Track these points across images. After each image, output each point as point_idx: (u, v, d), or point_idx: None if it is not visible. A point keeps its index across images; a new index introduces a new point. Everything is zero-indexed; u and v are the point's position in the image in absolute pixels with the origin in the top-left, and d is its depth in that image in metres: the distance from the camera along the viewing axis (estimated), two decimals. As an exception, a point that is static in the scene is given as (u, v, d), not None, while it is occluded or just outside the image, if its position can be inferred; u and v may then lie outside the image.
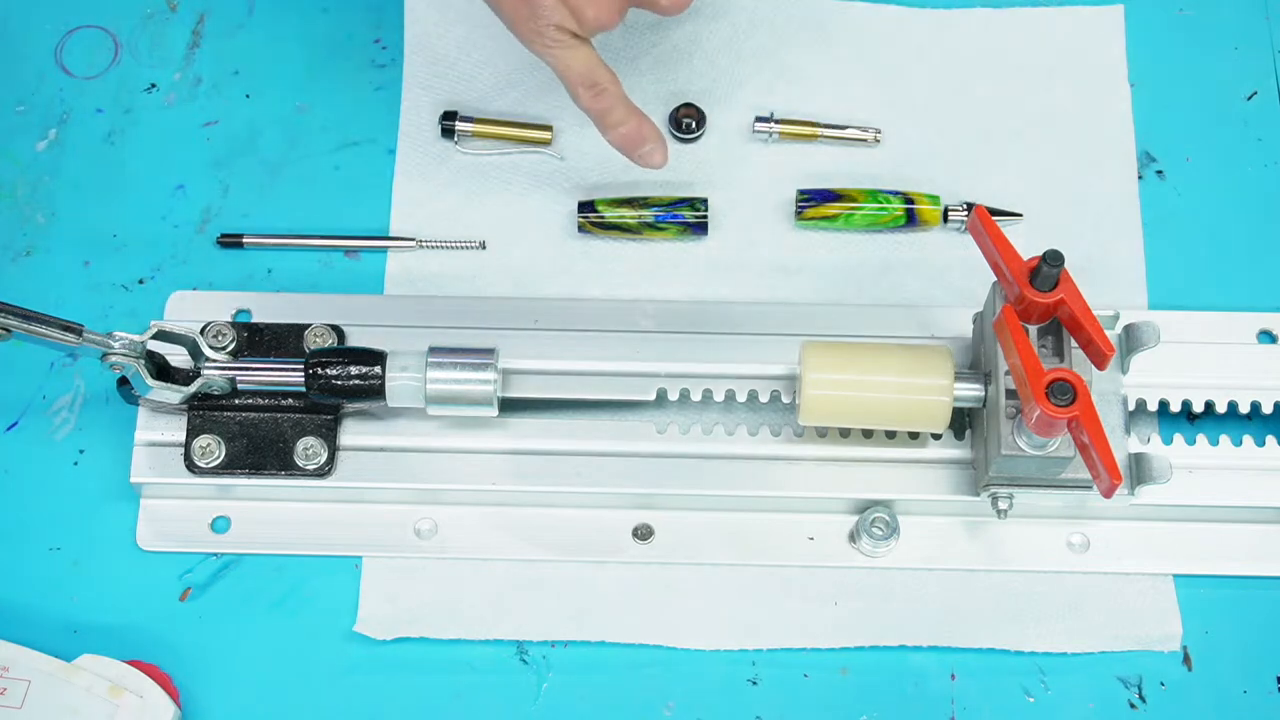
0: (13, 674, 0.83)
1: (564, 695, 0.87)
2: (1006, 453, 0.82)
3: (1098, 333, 0.79)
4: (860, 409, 0.84)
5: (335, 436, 0.89)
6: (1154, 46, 1.01)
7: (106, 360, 0.84)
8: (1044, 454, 0.82)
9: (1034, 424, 0.79)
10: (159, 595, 0.88)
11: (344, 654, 0.87)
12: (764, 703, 0.87)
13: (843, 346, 0.85)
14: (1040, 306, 0.80)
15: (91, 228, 0.96)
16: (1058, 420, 0.77)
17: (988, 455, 0.84)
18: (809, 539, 0.89)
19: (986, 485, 0.85)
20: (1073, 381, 0.77)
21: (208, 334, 0.87)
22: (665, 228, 0.95)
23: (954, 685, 0.87)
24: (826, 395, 0.83)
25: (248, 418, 0.88)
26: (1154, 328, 0.86)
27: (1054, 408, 0.77)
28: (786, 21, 1.01)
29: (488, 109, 0.99)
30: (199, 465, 0.88)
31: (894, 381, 0.83)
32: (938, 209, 0.94)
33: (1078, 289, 0.80)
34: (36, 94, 0.99)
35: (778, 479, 0.89)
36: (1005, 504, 0.86)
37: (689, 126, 0.98)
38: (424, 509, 0.89)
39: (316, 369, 0.85)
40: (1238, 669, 0.88)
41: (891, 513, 0.88)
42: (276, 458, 0.88)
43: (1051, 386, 0.77)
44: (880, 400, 0.83)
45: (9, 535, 0.89)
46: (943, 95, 1.00)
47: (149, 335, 0.85)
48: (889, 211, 0.93)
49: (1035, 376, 0.77)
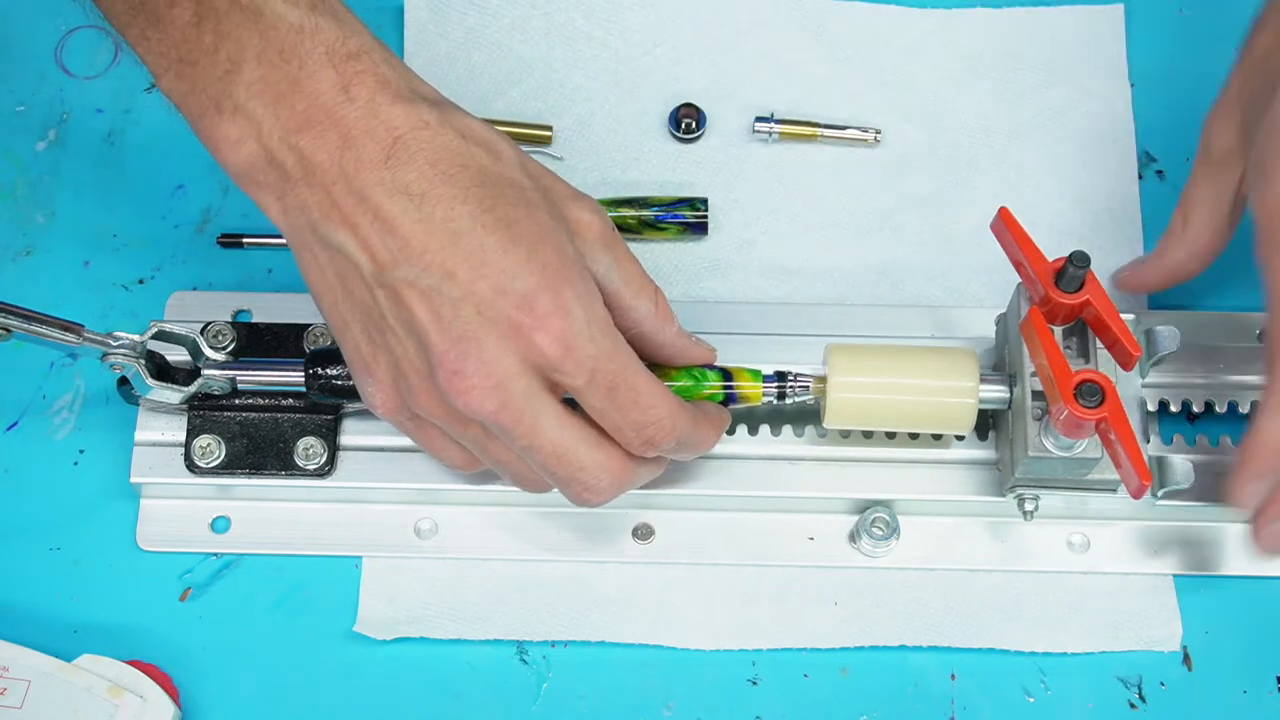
0: (13, 674, 0.83)
1: (564, 695, 0.87)
2: (1034, 454, 0.82)
3: (1124, 333, 0.79)
4: (886, 411, 0.84)
5: (336, 436, 0.89)
6: (1154, 46, 1.01)
7: (106, 360, 0.84)
8: (1071, 455, 0.82)
9: (1062, 425, 0.79)
10: (159, 595, 0.88)
11: (344, 654, 0.87)
12: (764, 703, 0.87)
13: (868, 349, 0.84)
14: (1066, 308, 0.80)
15: (91, 228, 0.96)
16: (1086, 421, 0.77)
17: (1014, 457, 0.84)
18: (809, 539, 0.89)
19: (1013, 487, 0.85)
20: (1101, 383, 0.77)
21: (208, 334, 0.87)
22: (665, 228, 0.95)
23: (954, 685, 0.87)
24: (853, 398, 0.83)
25: (248, 418, 0.88)
26: (1174, 332, 0.86)
27: (1083, 409, 0.77)
28: (786, 21, 1.01)
29: (488, 109, 0.99)
30: (199, 465, 0.88)
31: (920, 384, 0.83)
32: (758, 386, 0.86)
33: (1103, 290, 0.80)
34: (36, 94, 0.99)
35: (783, 479, 0.88)
36: (1031, 505, 0.86)
37: (689, 126, 0.98)
38: (424, 509, 0.89)
39: (317, 369, 0.85)
40: (1238, 669, 0.88)
41: (892, 512, 0.88)
42: (277, 458, 0.88)
43: (1080, 388, 0.77)
44: (906, 403, 0.83)
45: (9, 535, 0.89)
46: (943, 95, 1.00)
47: (149, 335, 0.85)
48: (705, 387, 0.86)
49: (1063, 378, 0.77)
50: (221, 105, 0.73)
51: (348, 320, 0.76)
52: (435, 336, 0.73)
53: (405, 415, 0.79)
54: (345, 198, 0.73)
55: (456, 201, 0.72)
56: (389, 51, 0.75)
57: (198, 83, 0.74)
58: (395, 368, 0.76)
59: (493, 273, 0.72)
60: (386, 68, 0.74)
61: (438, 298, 0.72)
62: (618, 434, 0.77)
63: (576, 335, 0.73)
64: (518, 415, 0.74)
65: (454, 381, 0.73)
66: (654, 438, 0.77)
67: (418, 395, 0.76)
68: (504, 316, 0.73)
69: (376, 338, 0.76)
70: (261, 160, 0.74)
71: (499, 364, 0.73)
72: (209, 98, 0.74)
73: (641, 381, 0.76)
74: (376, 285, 0.74)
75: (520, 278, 0.73)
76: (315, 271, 0.76)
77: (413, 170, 0.72)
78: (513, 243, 0.73)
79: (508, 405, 0.74)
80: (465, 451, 0.80)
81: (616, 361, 0.75)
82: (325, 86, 0.72)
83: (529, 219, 0.74)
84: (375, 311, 0.75)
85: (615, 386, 0.75)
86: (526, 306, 0.73)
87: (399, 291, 0.73)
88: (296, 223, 0.74)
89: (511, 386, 0.74)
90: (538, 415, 0.75)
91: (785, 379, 0.84)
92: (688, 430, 0.79)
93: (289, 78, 0.72)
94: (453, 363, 0.73)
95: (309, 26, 0.73)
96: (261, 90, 0.73)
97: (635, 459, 0.79)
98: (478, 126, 0.75)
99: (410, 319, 0.73)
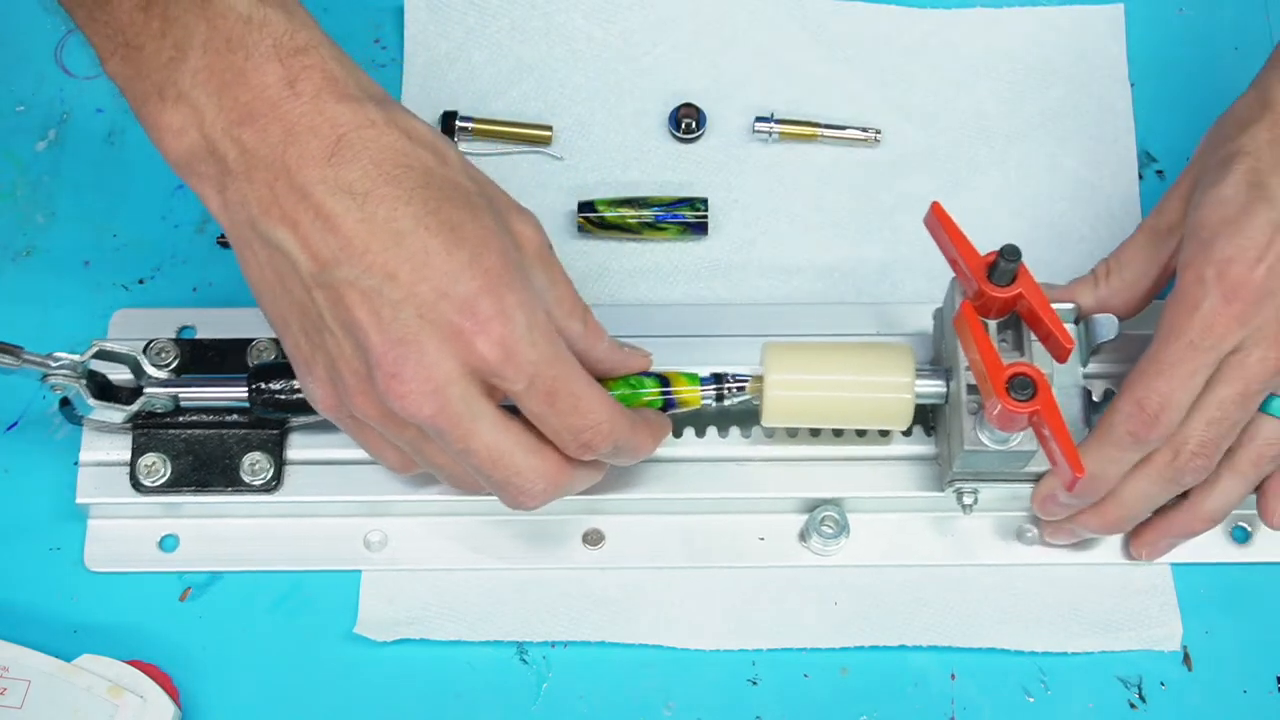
0: (13, 674, 0.83)
1: (564, 695, 0.87)
2: (969, 448, 0.82)
3: (1057, 326, 0.79)
4: (823, 409, 0.84)
5: (282, 451, 0.88)
6: (1154, 46, 1.01)
7: (47, 381, 0.82)
8: (1007, 448, 0.82)
9: (995, 419, 0.79)
10: (159, 595, 0.88)
11: (344, 655, 0.87)
12: (764, 703, 0.87)
13: (804, 347, 0.85)
14: (999, 301, 0.80)
15: (91, 228, 0.96)
16: (1018, 415, 0.77)
17: (951, 451, 0.84)
18: (759, 539, 0.89)
19: (951, 481, 0.86)
20: (1033, 376, 0.77)
21: (150, 352, 0.86)
22: (665, 228, 0.95)
23: (954, 685, 0.87)
24: (790, 396, 0.83)
25: (193, 434, 0.87)
26: (1113, 321, 0.85)
27: (1014, 402, 0.77)
28: (786, 21, 1.01)
29: (488, 109, 0.99)
30: (144, 484, 0.87)
31: (855, 380, 0.83)
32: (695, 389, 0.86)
33: (1036, 283, 0.80)
34: (36, 94, 0.99)
35: (730, 480, 0.88)
36: (970, 499, 0.86)
37: (689, 126, 0.98)
38: (373, 521, 0.89)
39: (260, 384, 0.83)
40: (1238, 669, 0.88)
41: (841, 511, 0.88)
42: (223, 474, 0.87)
43: (1011, 381, 0.77)
44: (843, 399, 0.83)
45: (9, 535, 0.89)
46: (943, 95, 1.00)
47: (89, 355, 0.83)
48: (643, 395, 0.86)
49: (995, 372, 0.77)
50: (165, 92, 0.73)
51: (287, 319, 0.76)
52: (375, 338, 0.72)
53: (345, 414, 0.78)
54: (286, 194, 0.72)
55: (400, 202, 0.72)
56: (338, 49, 0.74)
57: (143, 68, 0.73)
58: (332, 368, 0.75)
59: (435, 275, 0.72)
60: (335, 64, 0.73)
61: (378, 299, 0.72)
62: (555, 438, 0.77)
63: (518, 340, 0.73)
64: (455, 420, 0.74)
65: (392, 385, 0.73)
66: (591, 441, 0.77)
67: (354, 396, 0.75)
68: (445, 320, 0.72)
69: (314, 338, 0.75)
70: (203, 150, 0.73)
71: (438, 368, 0.73)
72: (153, 84, 0.73)
73: (581, 387, 0.76)
74: (315, 285, 0.73)
75: (463, 281, 0.72)
76: (255, 268, 0.75)
77: (356, 169, 0.72)
78: (457, 245, 0.72)
79: (445, 409, 0.73)
80: (402, 453, 0.80)
81: (557, 367, 0.75)
82: (271, 79, 0.72)
83: (473, 223, 0.73)
84: (313, 311, 0.74)
85: (555, 392, 0.75)
86: (468, 311, 0.72)
87: (339, 292, 0.72)
88: (236, 217, 0.74)
89: (450, 391, 0.73)
90: (475, 420, 0.74)
91: (722, 380, 0.84)
92: (625, 435, 0.78)
93: (234, 68, 0.72)
94: (391, 365, 0.72)
95: (257, 18, 0.72)
96: (206, 79, 0.72)
97: (573, 464, 0.78)
98: (424, 129, 0.75)
99: (349, 320, 0.73)
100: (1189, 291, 0.79)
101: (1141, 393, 0.80)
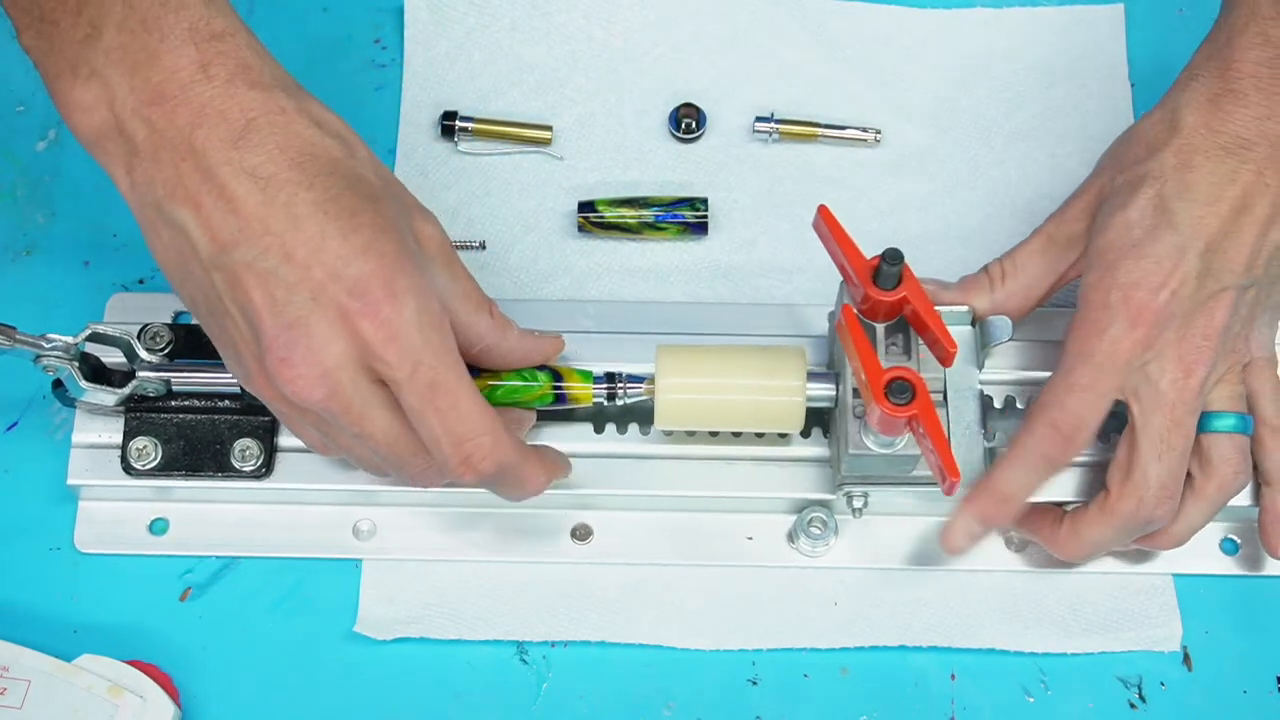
0: (13, 674, 0.83)
1: (564, 695, 0.87)
2: (854, 452, 0.82)
3: (941, 330, 0.79)
4: (715, 412, 0.84)
5: (273, 438, 0.88)
6: (1154, 46, 1.01)
7: (40, 363, 0.82)
8: (891, 453, 0.82)
9: (876, 423, 0.79)
10: (159, 595, 0.88)
11: (344, 654, 0.87)
12: (764, 703, 0.87)
13: (698, 350, 0.84)
14: (885, 305, 0.80)
15: (91, 228, 0.96)
16: (898, 419, 0.77)
17: (839, 454, 0.84)
18: (748, 539, 0.89)
19: (841, 484, 0.86)
20: (911, 380, 0.77)
21: (144, 336, 0.86)
22: (665, 228, 0.95)
23: (954, 685, 0.87)
24: (681, 399, 0.83)
25: (185, 419, 0.88)
26: (1006, 323, 0.85)
27: (892, 406, 0.77)
28: (787, 21, 1.01)
29: (488, 109, 0.99)
30: (135, 467, 0.87)
31: (746, 384, 0.83)
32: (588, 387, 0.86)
33: (920, 286, 0.80)
34: (36, 94, 0.99)
35: (720, 480, 0.88)
36: (860, 502, 0.86)
37: (689, 126, 0.98)
38: (363, 510, 0.89)
39: None
40: (1238, 669, 0.88)
41: (829, 512, 0.88)
42: (213, 459, 0.87)
43: (890, 385, 0.77)
44: (734, 403, 0.83)
45: (9, 535, 0.89)
46: (943, 95, 1.00)
47: (83, 337, 0.84)
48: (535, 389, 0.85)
49: (874, 376, 0.77)
50: (78, 69, 0.73)
51: (195, 300, 0.76)
52: (267, 322, 0.72)
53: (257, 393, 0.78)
54: (191, 175, 0.72)
55: (301, 187, 0.72)
56: (254, 37, 0.74)
57: (57, 43, 0.73)
58: (234, 350, 0.75)
59: (329, 259, 0.72)
60: (250, 53, 0.73)
61: (273, 280, 0.72)
62: (435, 446, 0.75)
63: (404, 325, 0.72)
64: (346, 404, 0.74)
65: (282, 369, 0.73)
66: (472, 455, 0.75)
67: (254, 380, 0.75)
68: (335, 302, 0.72)
69: (219, 320, 0.75)
70: (112, 129, 0.73)
71: (326, 351, 0.72)
72: (66, 60, 0.73)
73: (464, 391, 0.75)
74: (214, 267, 0.73)
75: (355, 264, 0.72)
76: (160, 250, 0.75)
77: (262, 153, 0.72)
78: (354, 230, 0.72)
79: (335, 394, 0.73)
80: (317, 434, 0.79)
81: (442, 359, 0.74)
82: (184, 63, 0.72)
83: (373, 211, 0.73)
84: (213, 294, 0.74)
85: (435, 385, 0.74)
86: (358, 292, 0.72)
87: (237, 274, 0.72)
88: (143, 198, 0.74)
89: (339, 375, 0.73)
90: (366, 405, 0.74)
91: (615, 380, 0.84)
92: (511, 458, 0.77)
93: (148, 49, 0.72)
94: (281, 349, 0.72)
95: (174, 1, 0.72)
96: (120, 58, 0.72)
97: None
98: (336, 121, 0.75)
99: (245, 302, 0.73)
100: (1095, 315, 0.80)
101: (1056, 414, 0.80)
